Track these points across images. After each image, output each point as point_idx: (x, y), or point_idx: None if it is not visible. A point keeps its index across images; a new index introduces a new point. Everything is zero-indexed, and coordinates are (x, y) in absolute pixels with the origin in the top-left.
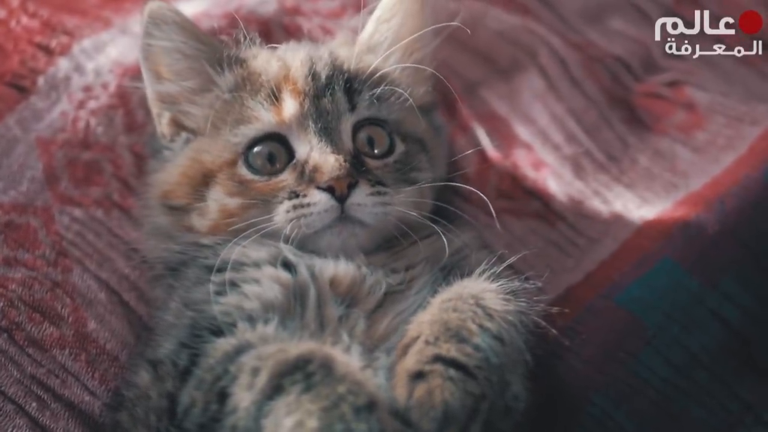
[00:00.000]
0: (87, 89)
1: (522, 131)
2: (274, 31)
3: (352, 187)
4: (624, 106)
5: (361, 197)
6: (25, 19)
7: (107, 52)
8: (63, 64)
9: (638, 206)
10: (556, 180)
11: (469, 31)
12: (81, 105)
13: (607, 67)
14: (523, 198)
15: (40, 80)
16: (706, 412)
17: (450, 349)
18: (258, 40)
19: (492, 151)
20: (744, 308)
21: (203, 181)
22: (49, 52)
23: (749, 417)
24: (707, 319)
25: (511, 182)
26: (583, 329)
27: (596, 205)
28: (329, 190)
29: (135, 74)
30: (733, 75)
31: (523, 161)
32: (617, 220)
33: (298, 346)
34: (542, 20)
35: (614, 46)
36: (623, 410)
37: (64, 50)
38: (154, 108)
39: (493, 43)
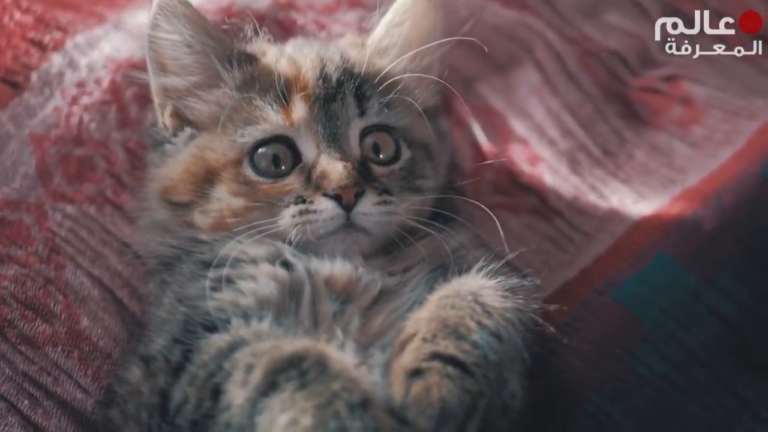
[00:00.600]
0: (80, 85)
1: (518, 126)
2: (268, 26)
3: (359, 195)
4: (620, 101)
5: (368, 206)
6: (18, 15)
7: (101, 48)
8: (56, 60)
9: (635, 201)
10: (552, 175)
11: (476, 39)
12: (74, 101)
13: (604, 62)
14: (520, 194)
15: (33, 76)
16: (704, 409)
17: (448, 346)
18: (268, 37)
19: (488, 146)
20: (741, 304)
21: (207, 178)
22: (42, 47)
23: (747, 413)
24: (704, 315)
25: (507, 178)
26: (579, 325)
27: (592, 200)
28: (336, 198)
29: (129, 69)
30: (730, 70)
31: (519, 156)
32: (613, 215)
33: (293, 343)
34: (539, 15)
35: (611, 41)
36: (620, 407)
37: (58, 46)
38: (157, 99)
39: (489, 38)
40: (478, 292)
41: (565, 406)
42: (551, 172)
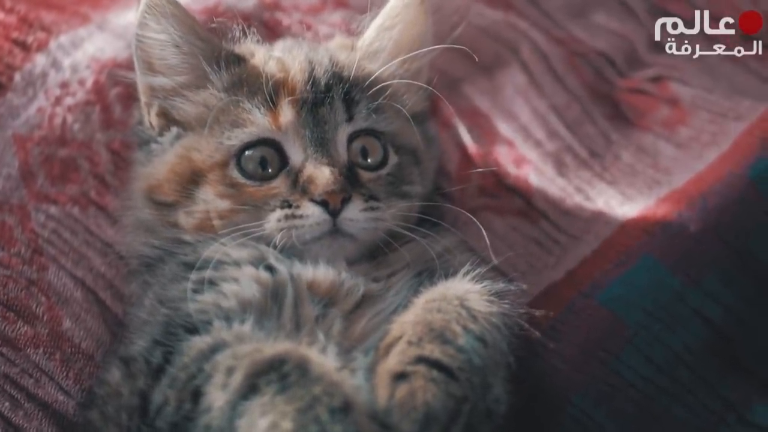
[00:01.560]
0: (64, 85)
1: (504, 127)
2: (254, 26)
3: (345, 201)
4: (607, 102)
5: (354, 213)
6: (1, 15)
7: (84, 48)
8: (40, 60)
9: (620, 203)
10: (538, 176)
11: (464, 45)
12: (58, 101)
13: (590, 63)
14: (505, 195)
15: (17, 76)
16: (688, 411)
17: (433, 350)
18: (257, 37)
19: (474, 148)
20: (727, 306)
21: (192, 179)
22: (25, 48)
23: (732, 416)
24: (689, 318)
25: (493, 179)
26: (564, 328)
27: (578, 202)
28: (323, 203)
29: (112, 70)
30: (717, 70)
31: (504, 158)
32: (599, 217)
33: (274, 346)
34: (525, 15)
35: (598, 41)
36: (604, 410)
37: (41, 46)
38: (144, 98)
39: (475, 39)
40: (464, 297)
41: (550, 409)
42: (537, 173)
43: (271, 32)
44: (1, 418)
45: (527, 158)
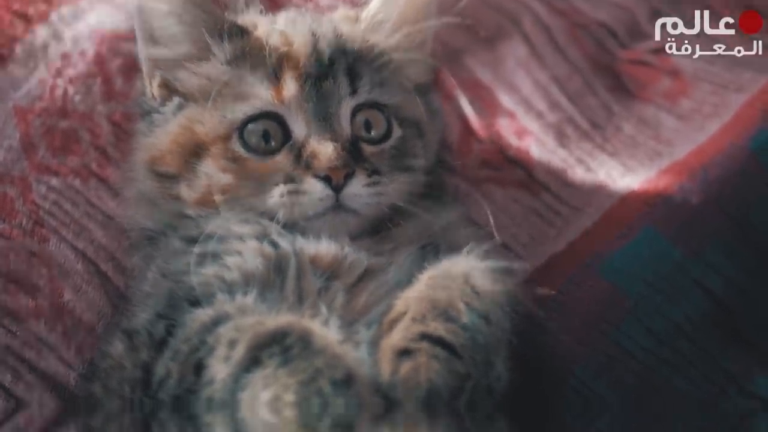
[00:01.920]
0: (65, 57)
1: (505, 99)
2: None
3: (348, 176)
4: (609, 73)
5: (357, 188)
6: None
7: (86, 19)
8: (41, 32)
9: (622, 175)
10: (539, 148)
11: (467, 16)
12: (59, 73)
13: (592, 34)
14: (507, 167)
15: (18, 48)
16: (689, 383)
17: (437, 328)
18: (260, 8)
19: (475, 120)
20: (728, 278)
21: (195, 151)
22: (27, 19)
23: (733, 387)
24: (690, 289)
25: (495, 151)
26: (565, 300)
27: (580, 173)
28: (326, 179)
29: (113, 41)
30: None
31: (506, 130)
32: (600, 189)
33: (277, 319)
34: None
35: (599, 13)
36: (604, 381)
37: (42, 17)
38: (145, 68)
39: (476, 10)
40: (468, 274)
41: (553, 382)
42: (538, 145)
43: (272, 3)
44: (2, 389)
45: (529, 130)
